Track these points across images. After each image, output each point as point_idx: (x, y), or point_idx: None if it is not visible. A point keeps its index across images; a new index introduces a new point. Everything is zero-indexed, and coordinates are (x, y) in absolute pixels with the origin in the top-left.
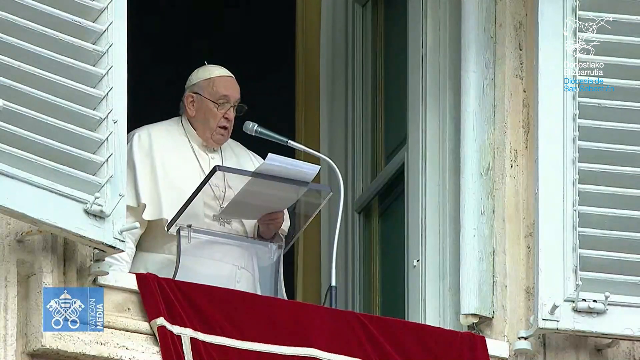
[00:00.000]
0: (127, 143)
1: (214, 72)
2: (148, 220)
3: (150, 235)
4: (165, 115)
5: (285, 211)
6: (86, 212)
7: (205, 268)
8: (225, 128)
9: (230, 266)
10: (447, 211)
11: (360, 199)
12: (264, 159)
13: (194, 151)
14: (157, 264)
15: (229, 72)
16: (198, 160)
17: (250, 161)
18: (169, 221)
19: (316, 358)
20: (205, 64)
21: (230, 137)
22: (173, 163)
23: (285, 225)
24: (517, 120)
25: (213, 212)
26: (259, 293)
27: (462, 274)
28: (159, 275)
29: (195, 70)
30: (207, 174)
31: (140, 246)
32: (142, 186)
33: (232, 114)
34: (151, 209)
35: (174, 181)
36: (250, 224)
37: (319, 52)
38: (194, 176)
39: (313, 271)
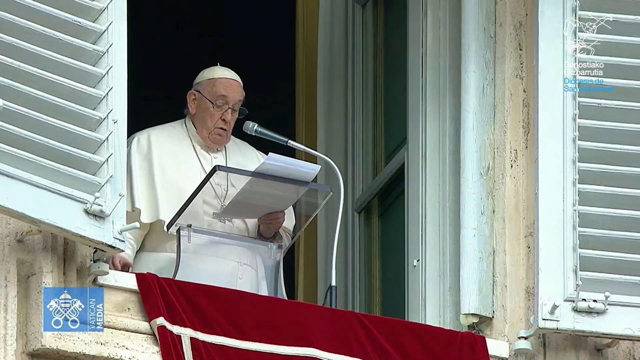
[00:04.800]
0: (127, 146)
1: (217, 73)
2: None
3: (152, 235)
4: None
5: (291, 209)
6: (86, 212)
7: (208, 265)
8: (223, 129)
9: (233, 263)
10: (447, 211)
11: (360, 199)
12: None
13: (195, 151)
14: (160, 262)
15: (233, 75)
16: (200, 160)
17: (257, 160)
18: (168, 222)
19: (316, 358)
20: (217, 64)
21: (234, 136)
22: (172, 164)
23: (291, 224)
24: (517, 120)
25: (213, 210)
26: (263, 290)
27: (462, 274)
28: (163, 274)
29: (204, 69)
30: (207, 174)
31: (142, 246)
32: (138, 190)
33: (229, 116)
34: (148, 211)
35: (173, 181)
36: (252, 221)
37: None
38: (194, 176)
39: (313, 271)
